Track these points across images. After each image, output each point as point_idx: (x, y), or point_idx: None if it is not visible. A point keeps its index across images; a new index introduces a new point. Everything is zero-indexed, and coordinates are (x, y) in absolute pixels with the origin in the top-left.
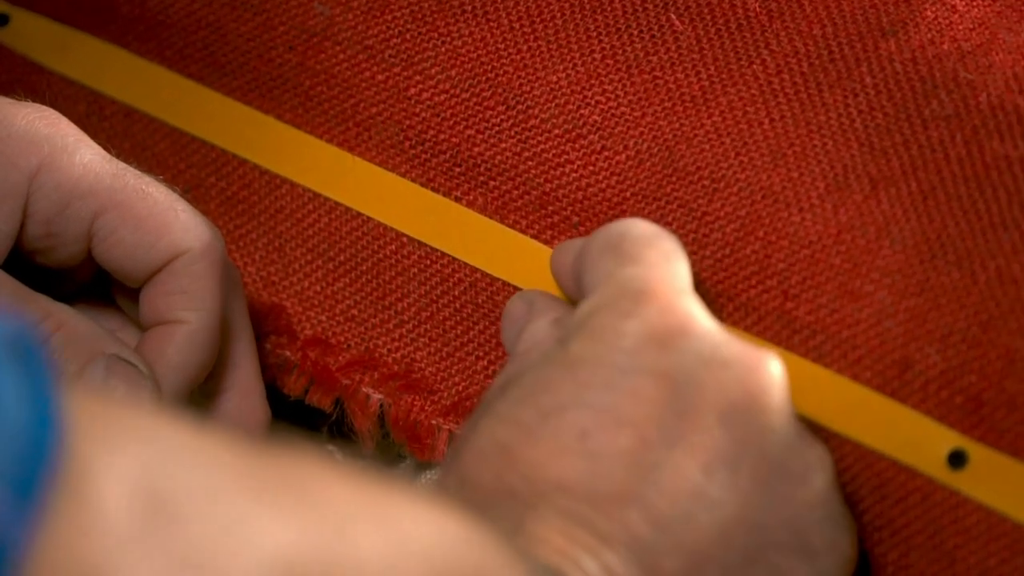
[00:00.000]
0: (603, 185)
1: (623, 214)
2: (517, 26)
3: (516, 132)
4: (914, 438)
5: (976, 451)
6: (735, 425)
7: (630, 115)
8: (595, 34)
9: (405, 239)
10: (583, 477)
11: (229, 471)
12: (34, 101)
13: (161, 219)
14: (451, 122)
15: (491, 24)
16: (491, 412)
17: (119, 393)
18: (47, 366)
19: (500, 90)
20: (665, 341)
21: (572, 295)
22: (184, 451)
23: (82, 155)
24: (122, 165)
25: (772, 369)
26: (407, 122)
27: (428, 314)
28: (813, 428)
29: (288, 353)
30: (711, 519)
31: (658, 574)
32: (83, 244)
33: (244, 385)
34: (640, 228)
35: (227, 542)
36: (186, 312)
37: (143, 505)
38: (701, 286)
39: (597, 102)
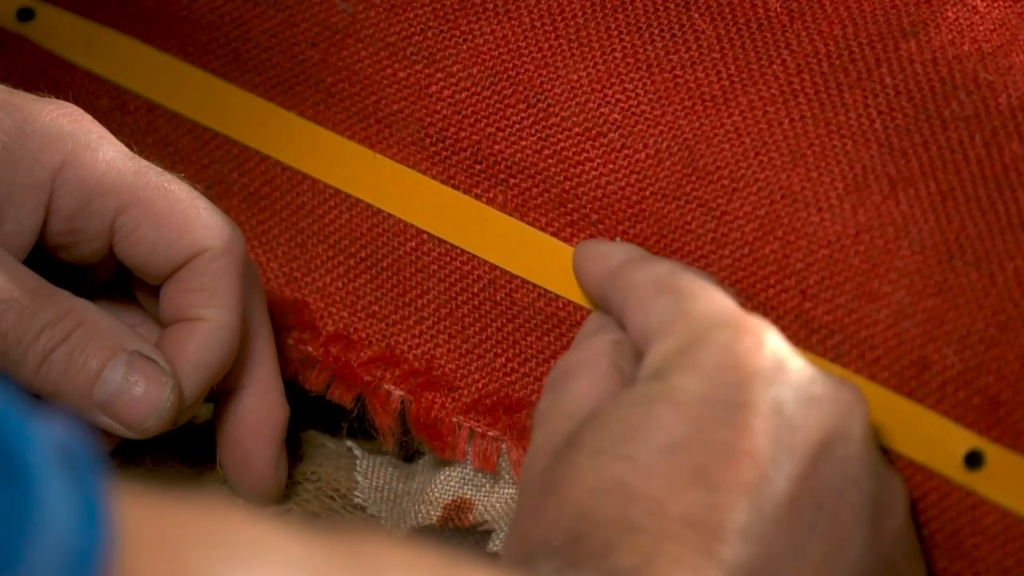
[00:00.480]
0: (623, 183)
1: (642, 212)
2: (539, 24)
3: (537, 130)
4: (931, 438)
5: (993, 452)
6: (836, 460)
7: (650, 114)
8: (616, 33)
9: (425, 236)
10: (706, 512)
11: (294, 563)
12: (58, 96)
13: (183, 216)
14: (472, 120)
15: (512, 22)
16: (590, 449)
17: (140, 389)
18: (98, 473)
19: (521, 88)
20: (767, 376)
21: (594, 300)
22: (246, 548)
23: (105, 152)
24: (144, 162)
25: (861, 401)
26: (428, 119)
27: (448, 311)
28: None
29: (310, 349)
30: (820, 551)
31: None
32: (105, 241)
33: (263, 382)
34: (679, 265)
35: None
36: (206, 310)
37: None
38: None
39: (617, 100)
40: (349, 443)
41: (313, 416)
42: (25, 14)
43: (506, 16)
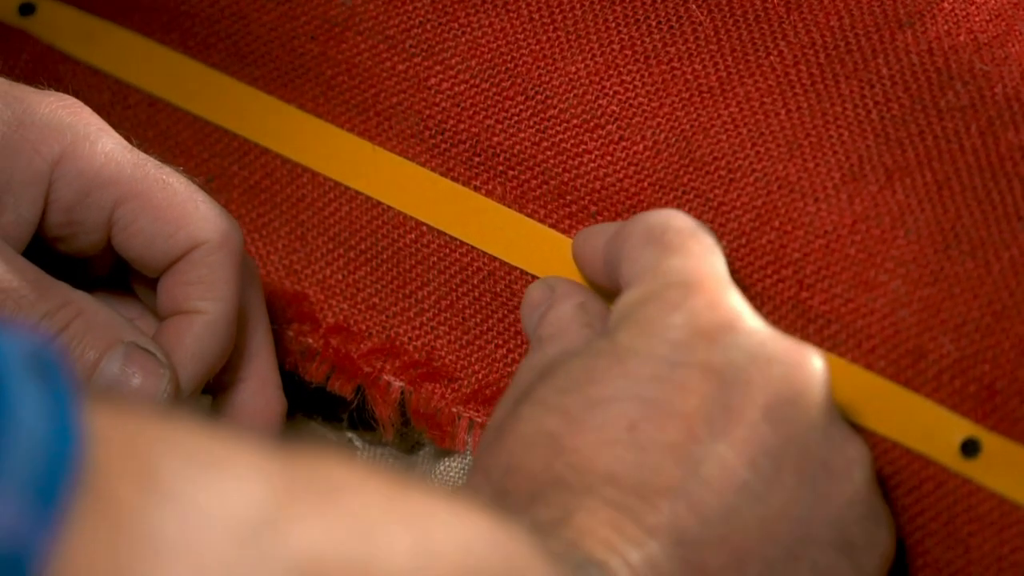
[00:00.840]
0: (621, 175)
1: (640, 204)
2: (536, 17)
3: (535, 122)
4: (927, 427)
5: (989, 440)
6: (780, 421)
7: (648, 105)
8: (614, 25)
9: (425, 228)
10: (631, 469)
11: (255, 474)
12: (59, 89)
13: (180, 209)
14: (471, 112)
15: (511, 15)
16: (533, 400)
17: (137, 381)
18: (68, 380)
19: (519, 80)
20: (713, 335)
21: (598, 280)
22: (210, 457)
23: (104, 144)
24: (143, 155)
25: (816, 365)
26: (427, 112)
27: (448, 302)
28: None
29: (310, 340)
30: (755, 514)
31: (701, 568)
32: (103, 233)
33: (260, 375)
34: (681, 220)
35: (255, 545)
36: (204, 302)
37: (169, 511)
38: None
39: (615, 92)
40: (349, 434)
41: (313, 407)
42: (26, 9)
43: (504, 9)
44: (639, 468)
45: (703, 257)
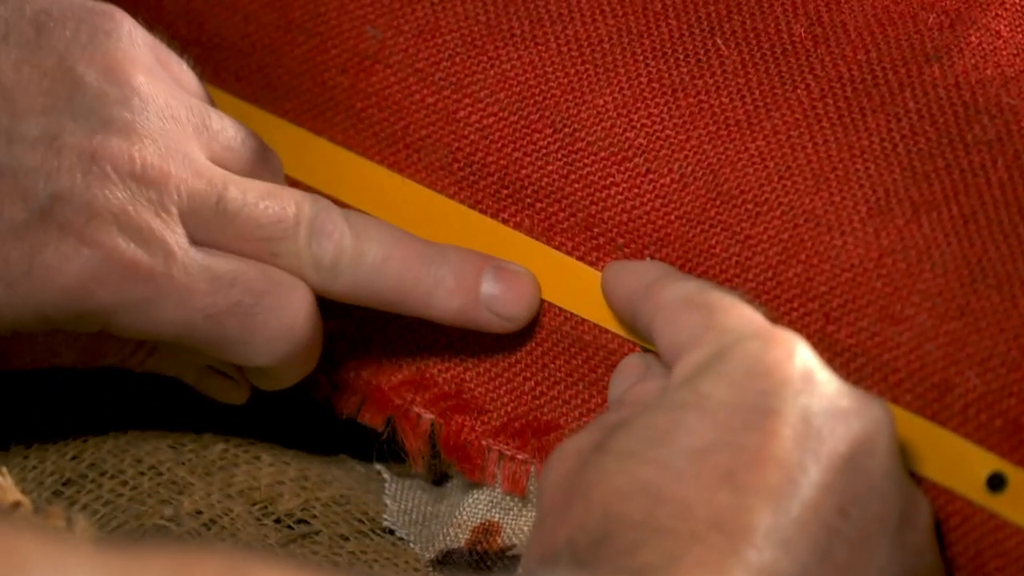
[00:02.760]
0: (648, 208)
1: (668, 236)
2: (565, 50)
3: (563, 155)
4: (953, 461)
5: (1015, 474)
6: (861, 471)
7: (675, 138)
8: (642, 58)
9: None
10: (734, 513)
11: None
12: None
13: (229, 354)
14: (499, 144)
15: (539, 48)
16: (619, 453)
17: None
18: None
19: (547, 113)
20: (797, 385)
21: (625, 320)
22: (31, 562)
23: None
24: None
25: (888, 417)
26: (456, 144)
27: (477, 334)
28: None
29: (342, 373)
30: (845, 561)
31: None
32: None
33: None
34: (705, 283)
35: None
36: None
37: None
38: None
39: (643, 125)
40: (378, 466)
41: (343, 439)
42: None
43: (533, 42)
44: (741, 512)
45: (754, 313)
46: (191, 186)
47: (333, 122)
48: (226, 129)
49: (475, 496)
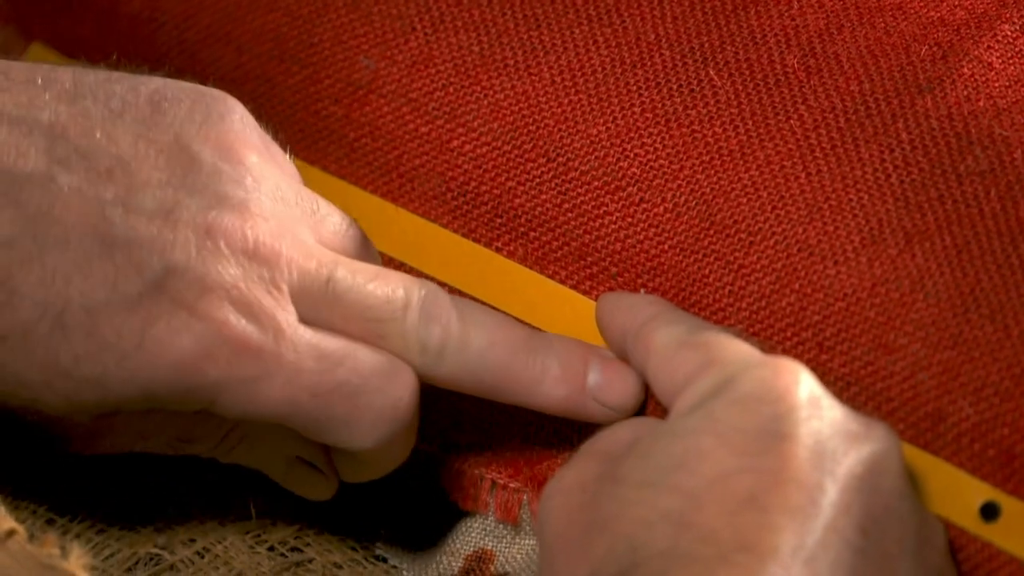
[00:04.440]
0: (641, 237)
1: (661, 266)
2: (558, 80)
3: (556, 184)
4: (947, 490)
5: (1009, 504)
6: (877, 491)
7: (668, 168)
8: (635, 88)
9: (446, 288)
10: (760, 535)
11: None
12: None
13: (329, 437)
14: (492, 174)
15: (533, 78)
16: (636, 482)
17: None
18: None
19: (541, 143)
20: (807, 410)
21: (616, 352)
22: None
23: None
24: None
25: (895, 440)
26: (449, 173)
27: None
28: None
29: None
30: None
31: None
32: None
33: None
34: (700, 323)
35: None
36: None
37: None
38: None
39: (636, 155)
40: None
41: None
42: None
43: (526, 72)
44: (766, 532)
45: (751, 348)
46: (301, 265)
47: (327, 152)
48: (332, 215)
49: (468, 524)
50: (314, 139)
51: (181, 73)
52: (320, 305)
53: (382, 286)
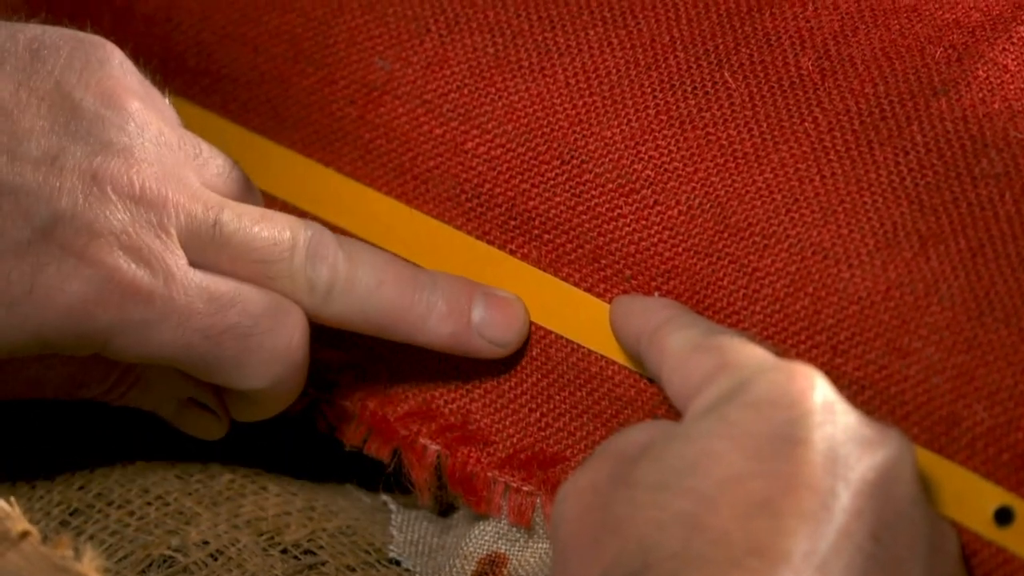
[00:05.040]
0: (655, 239)
1: (675, 268)
2: (573, 82)
3: (570, 186)
4: (961, 494)
5: (1023, 508)
6: (889, 498)
7: (683, 171)
8: (649, 90)
9: None
10: (773, 539)
11: None
12: None
13: (220, 377)
14: (507, 176)
15: (547, 80)
16: (650, 485)
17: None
18: None
19: (555, 145)
20: (821, 415)
21: (630, 354)
22: None
23: None
24: None
25: (909, 446)
26: (464, 175)
27: (483, 365)
28: None
29: (348, 404)
30: None
31: None
32: None
33: None
34: (715, 326)
35: None
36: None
37: None
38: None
39: (650, 157)
40: (384, 497)
41: (350, 470)
42: None
43: (540, 74)
44: (778, 537)
45: (765, 352)
46: (188, 209)
47: (341, 153)
48: (215, 158)
49: (481, 527)
50: (329, 140)
51: (196, 74)
52: (208, 248)
53: (268, 227)
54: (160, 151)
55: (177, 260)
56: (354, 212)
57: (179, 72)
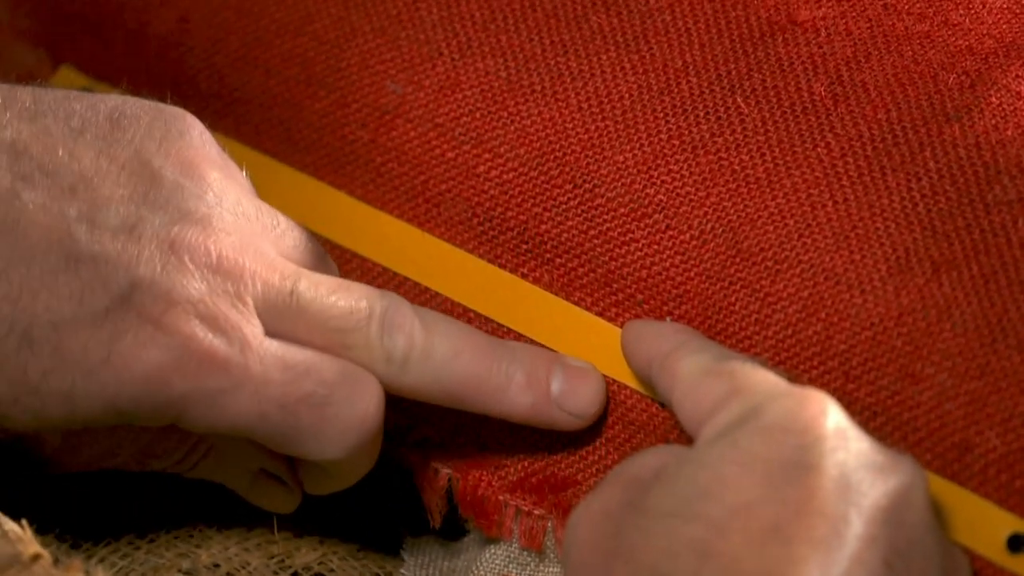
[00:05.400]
0: (667, 264)
1: (687, 293)
2: (585, 106)
3: (582, 210)
4: (973, 521)
5: None
6: (901, 525)
7: (695, 195)
8: (662, 115)
9: (472, 315)
10: (783, 567)
11: None
12: None
13: (296, 449)
14: (519, 200)
15: (560, 104)
16: (661, 512)
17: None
18: None
19: (567, 169)
20: (834, 442)
21: (642, 379)
22: None
23: None
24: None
25: (921, 473)
26: (476, 199)
27: None
28: None
29: None
30: None
31: None
32: None
33: None
34: (725, 351)
35: None
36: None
37: None
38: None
39: (663, 182)
40: (395, 520)
41: (360, 494)
42: None
43: (553, 98)
44: (790, 564)
45: (776, 377)
46: (265, 278)
47: (353, 176)
48: (292, 230)
49: (492, 551)
50: (341, 163)
51: (208, 97)
52: (284, 317)
53: (345, 297)
54: (238, 221)
55: (253, 329)
56: (365, 235)
57: (192, 95)
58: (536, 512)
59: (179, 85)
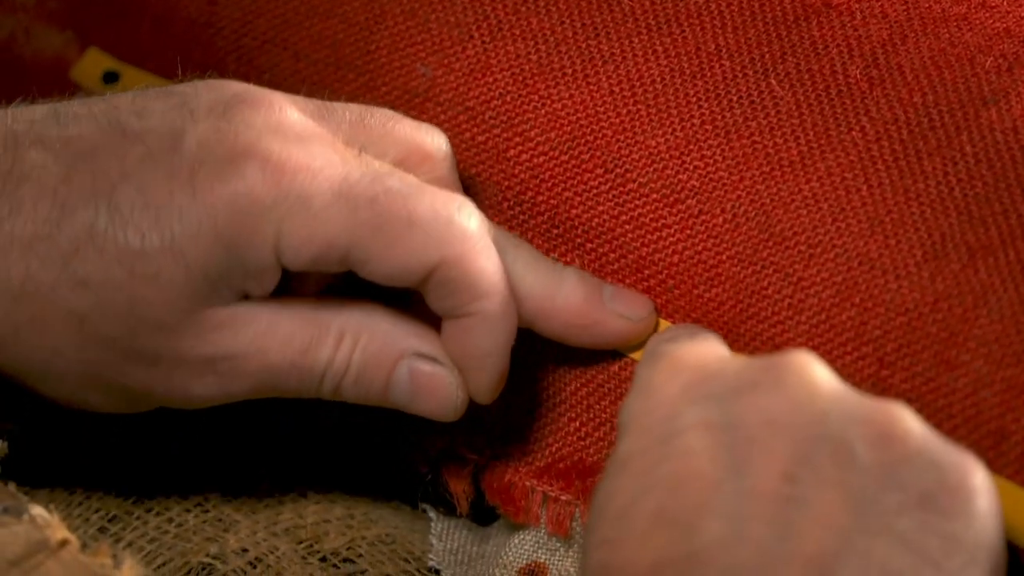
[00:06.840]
0: (699, 248)
1: (719, 276)
2: (617, 90)
3: (614, 195)
4: (1009, 509)
5: None
6: (787, 427)
7: (728, 179)
8: (695, 99)
9: None
10: (678, 546)
11: None
12: None
13: (403, 245)
14: (549, 184)
15: (591, 88)
16: (588, 544)
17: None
18: None
19: (599, 153)
20: (689, 395)
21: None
22: None
23: (313, 206)
24: (354, 187)
25: (804, 357)
26: (506, 183)
27: (521, 375)
28: None
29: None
30: (810, 520)
31: None
32: (343, 267)
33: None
34: (685, 329)
35: None
36: (471, 305)
37: None
38: None
39: (695, 167)
40: (424, 505)
41: (389, 478)
42: (110, 77)
43: (584, 81)
44: (684, 541)
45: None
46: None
47: None
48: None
49: (521, 536)
50: None
51: (238, 79)
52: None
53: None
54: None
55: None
56: None
57: (220, 77)
58: (563, 498)
59: (207, 67)
